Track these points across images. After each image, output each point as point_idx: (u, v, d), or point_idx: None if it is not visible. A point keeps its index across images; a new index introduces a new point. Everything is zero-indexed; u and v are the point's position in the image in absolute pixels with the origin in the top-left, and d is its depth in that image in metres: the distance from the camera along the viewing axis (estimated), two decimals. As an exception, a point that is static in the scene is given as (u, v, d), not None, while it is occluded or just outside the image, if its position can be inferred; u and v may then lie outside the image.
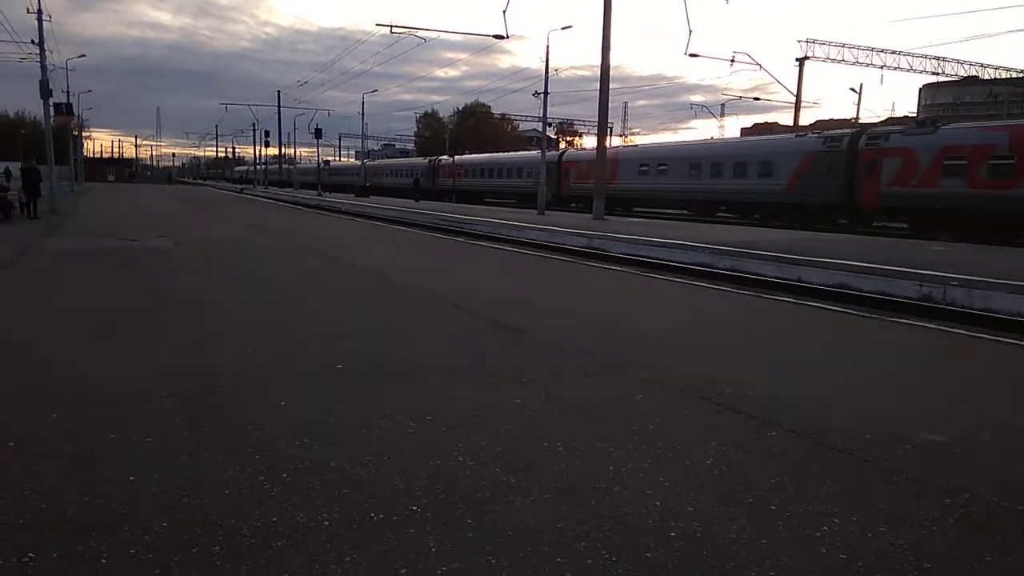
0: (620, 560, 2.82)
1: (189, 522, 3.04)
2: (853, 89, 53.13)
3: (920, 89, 77.60)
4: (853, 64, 44.25)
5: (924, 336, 7.52)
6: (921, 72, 46.78)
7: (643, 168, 35.59)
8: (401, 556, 2.81)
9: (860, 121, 47.89)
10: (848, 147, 26.91)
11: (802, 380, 5.50)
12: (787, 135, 33.01)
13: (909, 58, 45.11)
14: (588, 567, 2.77)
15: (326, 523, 3.07)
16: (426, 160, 66.38)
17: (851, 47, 43.98)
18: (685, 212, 34.50)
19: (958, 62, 47.12)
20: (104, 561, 2.72)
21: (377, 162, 77.82)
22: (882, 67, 44.83)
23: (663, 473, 3.69)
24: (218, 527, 3.00)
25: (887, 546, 2.97)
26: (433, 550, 2.86)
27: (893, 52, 44.85)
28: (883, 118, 54.76)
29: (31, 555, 2.75)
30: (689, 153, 35.07)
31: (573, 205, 37.72)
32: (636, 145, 44.97)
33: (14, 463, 3.62)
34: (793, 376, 5.64)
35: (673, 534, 3.04)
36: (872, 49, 44.46)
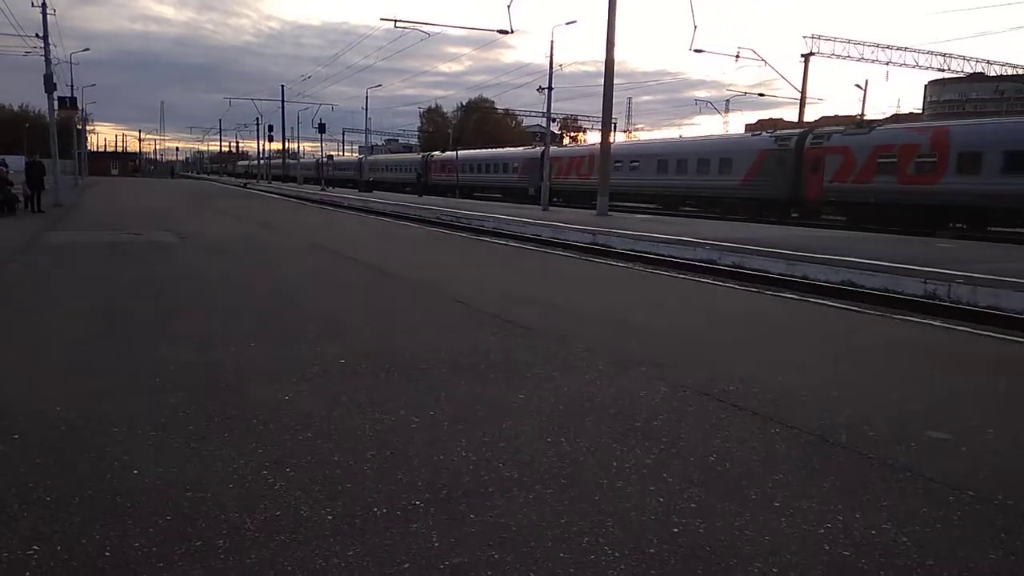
0: (623, 556, 2.82)
1: (193, 516, 3.04)
2: (858, 85, 52.95)
3: (926, 86, 77.42)
4: (859, 60, 44.18)
5: (929, 333, 7.51)
6: (927, 68, 46.71)
7: (617, 164, 37.22)
8: (404, 550, 2.81)
9: (866, 118, 47.79)
10: (796, 146, 29.55)
11: (806, 377, 5.49)
12: (744, 135, 35.94)
13: (915, 54, 45.03)
14: (591, 562, 2.77)
15: (329, 517, 3.07)
16: (419, 156, 68.08)
17: (856, 43, 43.90)
18: (654, 206, 36.59)
19: (964, 58, 47.04)
20: (108, 554, 2.73)
21: (372, 158, 79.89)
22: (888, 63, 44.74)
23: (666, 469, 3.68)
24: (222, 521, 3.00)
25: (891, 543, 2.97)
26: (436, 544, 2.86)
27: (899, 48, 44.80)
28: (888, 115, 54.62)
29: (35, 548, 2.76)
30: (658, 151, 37.87)
31: (555, 200, 39.58)
32: (611, 143, 45.57)
33: (19, 456, 3.63)
34: (797, 373, 5.63)
35: (676, 530, 3.04)
36: (878, 45, 44.39)
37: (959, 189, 23.54)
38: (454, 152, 62.55)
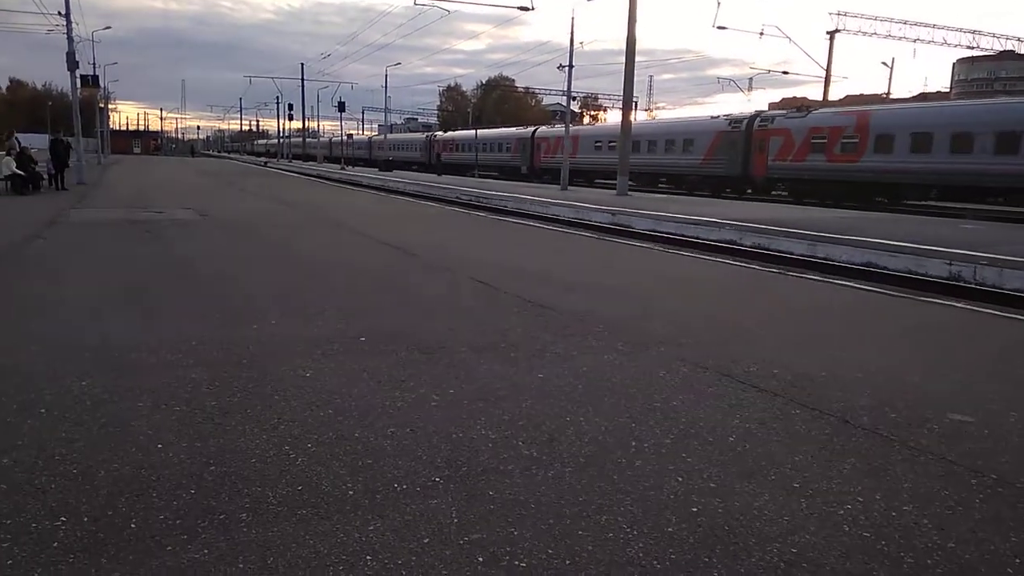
0: (641, 534, 2.83)
1: (216, 489, 3.09)
2: (885, 63, 52.08)
3: (954, 64, 75.99)
4: (885, 37, 43.41)
5: (953, 316, 7.42)
6: (956, 46, 45.81)
7: (597, 144, 40.75)
8: (424, 526, 2.84)
9: (891, 96, 47.01)
10: (746, 128, 32.83)
11: (827, 359, 5.45)
12: (704, 117, 38.30)
13: (944, 31, 44.16)
14: (609, 540, 2.78)
15: (350, 492, 3.10)
16: (424, 136, 71.84)
17: (884, 20, 43.13)
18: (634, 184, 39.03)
19: (994, 36, 46.09)
20: (133, 526, 2.78)
21: (379, 138, 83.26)
22: (915, 41, 43.92)
23: (685, 449, 3.68)
24: (245, 495, 3.05)
25: (911, 525, 2.95)
26: (455, 520, 2.89)
27: (927, 25, 43.91)
28: (915, 93, 53.69)
29: (63, 519, 2.81)
30: (633, 132, 40.25)
31: (544, 176, 44.77)
32: (592, 125, 50.95)
33: (46, 429, 3.70)
34: (818, 355, 5.59)
35: (695, 510, 3.04)
36: (905, 22, 43.60)
37: (876, 167, 26.73)
38: (455, 132, 67.94)
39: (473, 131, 63.09)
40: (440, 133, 71.13)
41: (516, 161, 51.59)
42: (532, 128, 53.81)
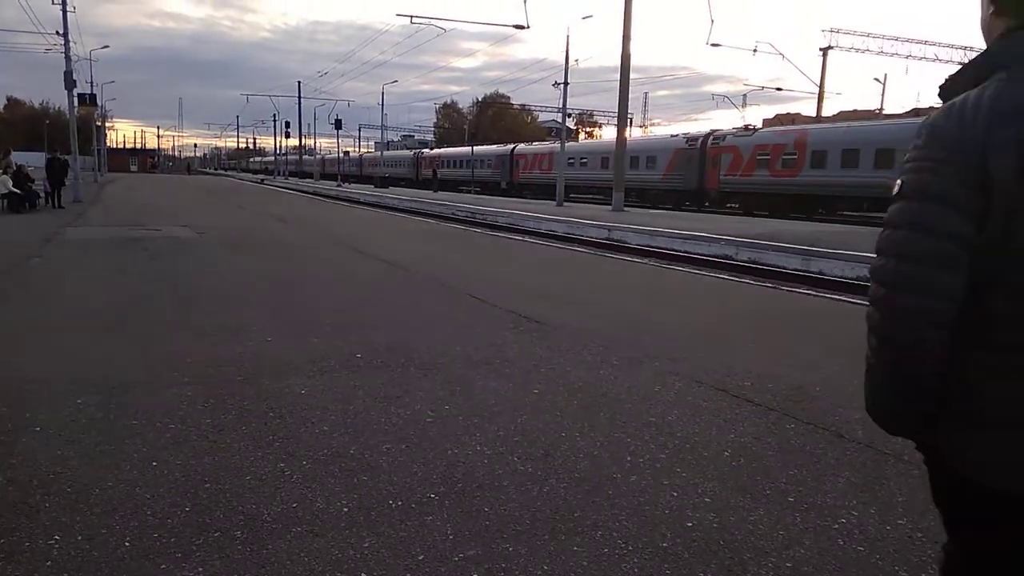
0: (636, 549, 2.83)
1: (211, 507, 3.08)
2: (877, 80, 52.45)
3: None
4: (878, 54, 43.65)
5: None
6: (948, 62, 46.08)
7: (570, 161, 43.01)
8: (419, 542, 2.84)
9: (884, 112, 47.37)
10: (701, 146, 36.13)
11: (822, 373, 5.47)
12: (665, 136, 42.68)
13: (936, 48, 44.47)
14: (604, 556, 2.78)
15: (345, 509, 3.10)
16: (411, 153, 75.44)
17: (876, 36, 43.41)
18: (600, 196, 41.30)
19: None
20: (128, 544, 2.77)
21: (370, 155, 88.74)
22: (907, 57, 44.23)
23: (680, 464, 3.69)
24: (239, 512, 3.04)
25: (906, 539, 2.96)
26: (450, 537, 2.89)
27: (919, 42, 44.22)
28: (907, 109, 54.03)
29: (57, 537, 2.81)
30: (601, 149, 44.38)
31: (524, 191, 48.49)
32: (569, 144, 52.58)
33: (40, 447, 3.69)
34: (813, 368, 5.61)
35: (690, 524, 3.05)
36: (897, 39, 43.85)
37: (812, 181, 29.38)
38: (440, 150, 72.37)
39: (456, 148, 68.10)
40: (426, 151, 75.13)
41: (497, 176, 54.81)
42: (511, 145, 57.21)
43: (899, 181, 1.37)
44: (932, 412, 1.39)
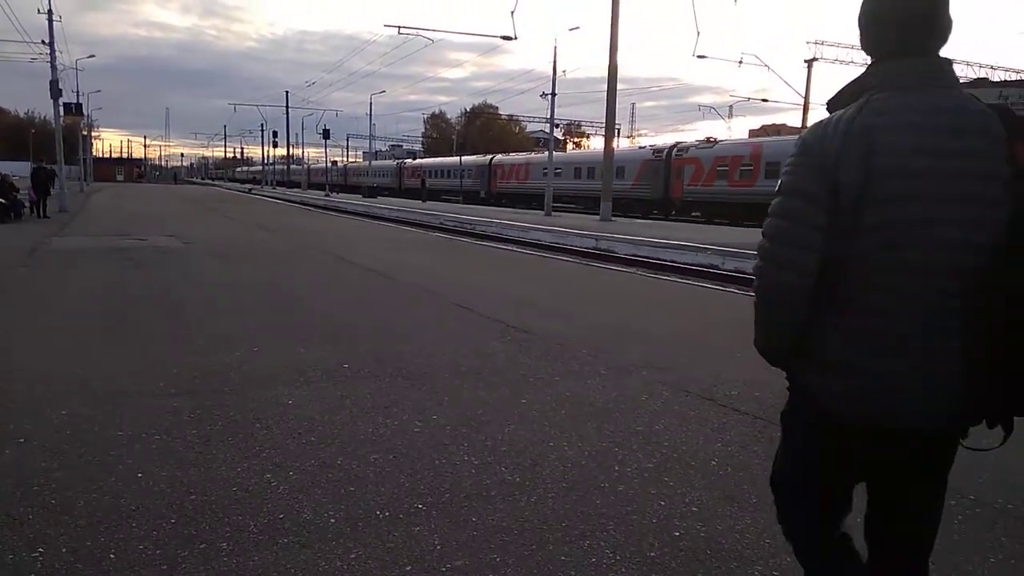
0: (624, 558, 2.84)
1: (197, 519, 3.07)
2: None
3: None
4: (862, 65, 43.69)
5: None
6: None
7: (546, 172, 44.34)
8: (406, 553, 2.83)
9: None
10: (666, 157, 38.06)
11: (808, 381, 5.49)
12: (634, 148, 45.08)
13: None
14: (592, 565, 2.78)
15: (332, 520, 3.09)
16: (394, 163, 77.32)
17: (860, 49, 43.78)
18: (575, 206, 43.62)
19: (967, 64, 46.92)
20: (113, 556, 2.75)
21: (354, 165, 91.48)
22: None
23: (668, 473, 3.70)
24: (225, 524, 3.03)
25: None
26: (438, 547, 2.88)
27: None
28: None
29: (41, 550, 2.78)
30: (574, 160, 47.83)
31: (502, 201, 50.44)
32: (541, 154, 54.55)
33: (24, 459, 3.66)
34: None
35: (677, 534, 3.06)
36: (880, 51, 44.26)
37: (767, 191, 31.96)
38: (422, 160, 75.85)
39: (437, 159, 71.68)
40: (408, 161, 78.09)
41: (476, 187, 56.49)
42: (489, 156, 58.82)
43: (779, 181, 1.73)
44: (797, 354, 1.80)
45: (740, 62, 38.14)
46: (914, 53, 1.67)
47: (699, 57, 33.78)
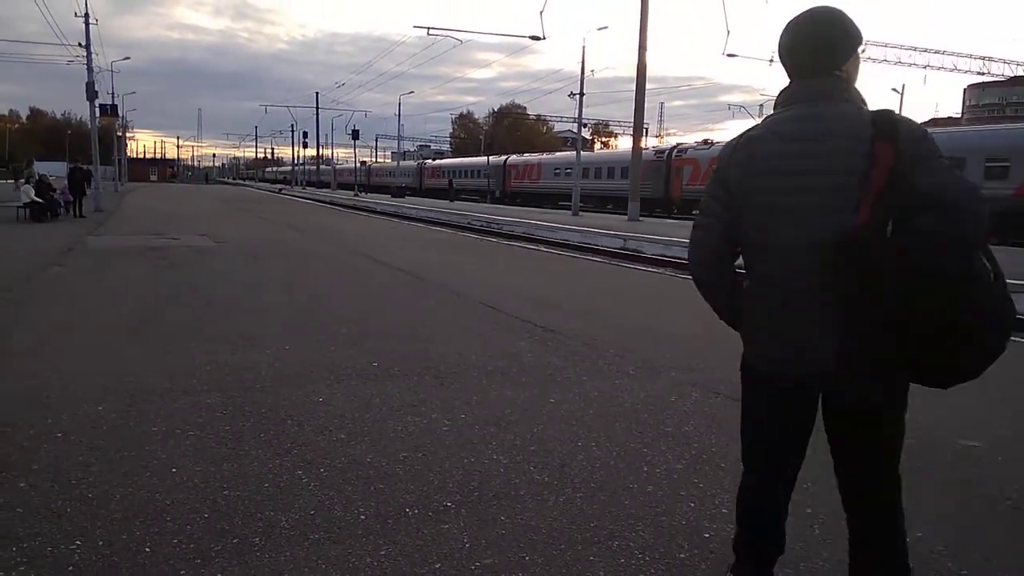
0: (653, 559, 2.83)
1: (230, 514, 3.11)
2: (895, 89, 52.13)
3: (965, 89, 75.93)
4: (896, 64, 43.52)
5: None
6: (966, 72, 45.88)
7: (556, 172, 49.35)
8: (435, 551, 2.85)
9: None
10: (667, 158, 40.31)
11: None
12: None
13: (954, 58, 44.27)
14: (621, 566, 2.78)
15: (362, 517, 3.12)
16: (415, 163, 79.63)
17: (893, 46, 43.24)
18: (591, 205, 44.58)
19: (1004, 62, 46.12)
20: (148, 550, 2.80)
21: (377, 165, 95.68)
22: (926, 67, 44.03)
23: (697, 475, 3.68)
24: (258, 519, 3.07)
25: (926, 552, 2.94)
26: (467, 546, 2.90)
27: (937, 52, 44.04)
28: (925, 120, 53.74)
29: (78, 543, 2.84)
30: (584, 162, 47.82)
31: (516, 200, 52.26)
32: (552, 154, 57.15)
33: (62, 453, 3.74)
34: (830, 379, 5.56)
35: (707, 535, 3.04)
36: (915, 48, 43.70)
37: None
38: (442, 160, 79.07)
39: (456, 159, 75.36)
40: (428, 161, 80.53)
41: (492, 186, 58.26)
42: (504, 156, 61.42)
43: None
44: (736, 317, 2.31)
45: (771, 61, 37.57)
46: (804, 76, 2.09)
47: (729, 56, 33.42)
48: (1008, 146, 24.03)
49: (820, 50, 2.08)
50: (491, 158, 62.43)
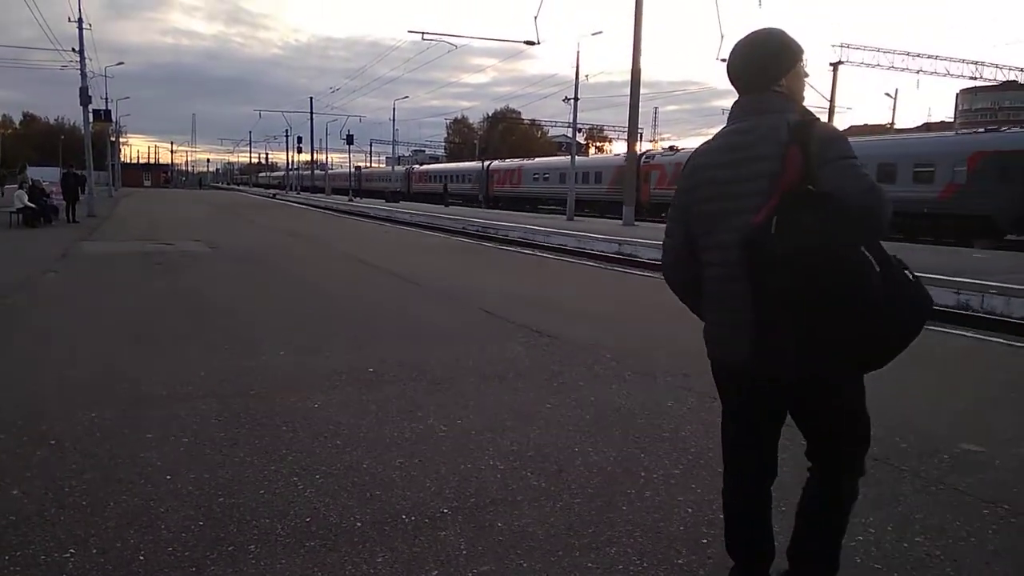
0: (651, 566, 2.82)
1: (225, 521, 3.09)
2: (888, 94, 52.33)
3: (957, 94, 76.18)
4: (888, 68, 43.60)
5: (961, 345, 7.39)
6: (959, 77, 46.05)
7: (535, 176, 52.21)
8: (432, 557, 2.83)
9: (895, 126, 47.34)
10: (637, 164, 39.95)
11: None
12: (608, 156, 50.43)
13: (946, 63, 44.43)
14: (619, 572, 2.76)
15: (358, 524, 3.10)
16: (403, 168, 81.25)
17: (886, 51, 43.36)
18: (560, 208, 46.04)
19: (996, 67, 46.29)
20: (142, 558, 2.78)
21: (367, 170, 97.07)
22: (918, 72, 44.18)
23: (695, 480, 3.67)
24: (253, 526, 3.04)
25: (923, 556, 2.93)
26: (464, 552, 2.88)
27: (929, 57, 44.19)
28: (919, 124, 53.94)
29: (72, 551, 2.82)
30: (555, 166, 51.20)
31: (498, 204, 53.84)
32: (532, 160, 58.83)
33: (55, 460, 3.71)
34: (827, 384, 5.56)
35: (705, 541, 3.03)
36: (908, 53, 43.80)
37: None
38: (429, 166, 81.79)
39: (443, 164, 79.10)
40: (417, 166, 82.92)
41: (475, 190, 60.00)
42: (488, 162, 62.90)
43: None
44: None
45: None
46: (743, 93, 2.30)
47: (723, 60, 33.57)
48: (934, 153, 25.84)
49: (755, 69, 2.27)
50: (474, 164, 64.78)
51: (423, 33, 32.06)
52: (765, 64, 2.27)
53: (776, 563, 2.54)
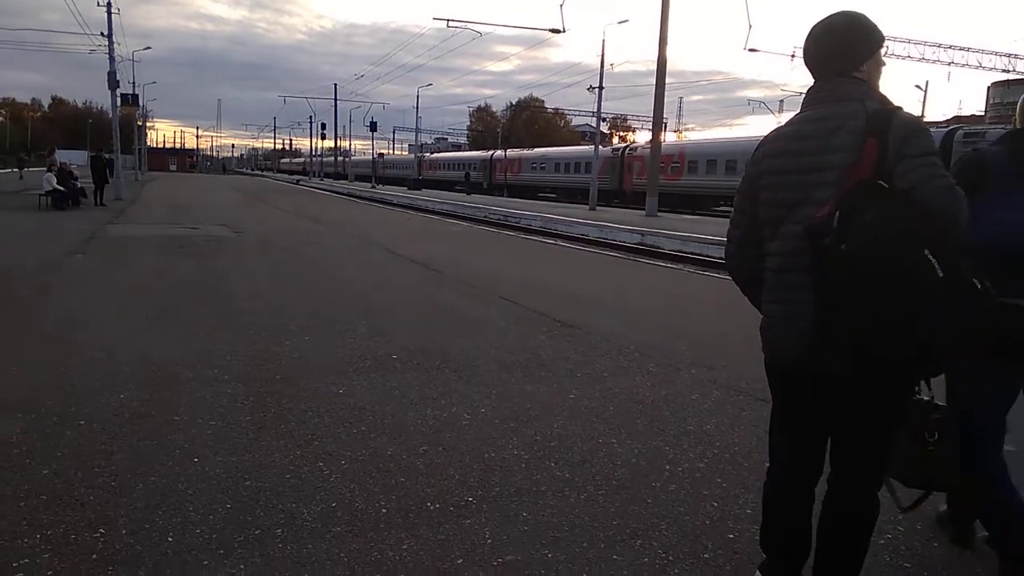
0: (677, 559, 2.80)
1: (251, 504, 3.11)
2: (919, 86, 51.51)
3: (988, 87, 74.82)
4: (919, 60, 42.84)
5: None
6: (991, 69, 45.20)
7: (534, 166, 55.17)
8: (458, 546, 2.83)
9: (925, 119, 46.58)
10: (621, 155, 45.32)
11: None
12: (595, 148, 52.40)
13: (978, 55, 43.63)
14: (644, 565, 2.75)
15: (384, 510, 3.11)
16: (414, 156, 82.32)
17: (917, 43, 42.63)
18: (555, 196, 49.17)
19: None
20: (170, 539, 2.80)
21: (385, 158, 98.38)
22: (949, 64, 43.43)
23: (720, 474, 3.64)
24: (280, 511, 3.06)
25: (952, 557, 2.90)
26: (489, 541, 2.88)
27: (961, 49, 43.41)
28: (949, 116, 53.09)
29: (101, 531, 2.85)
30: (553, 156, 54.90)
31: (502, 192, 56.06)
32: (531, 150, 61.66)
33: (84, 442, 3.75)
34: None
35: (731, 536, 3.01)
36: (939, 45, 43.03)
37: (689, 183, 38.38)
38: (439, 154, 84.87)
39: (453, 153, 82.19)
40: (428, 155, 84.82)
41: (479, 178, 61.85)
42: (491, 152, 65.90)
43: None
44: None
45: (792, 56, 37.31)
46: (821, 79, 2.21)
47: (750, 50, 33.12)
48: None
49: (834, 54, 2.19)
50: (479, 152, 68.30)
51: (448, 20, 32.04)
52: (846, 48, 2.18)
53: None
